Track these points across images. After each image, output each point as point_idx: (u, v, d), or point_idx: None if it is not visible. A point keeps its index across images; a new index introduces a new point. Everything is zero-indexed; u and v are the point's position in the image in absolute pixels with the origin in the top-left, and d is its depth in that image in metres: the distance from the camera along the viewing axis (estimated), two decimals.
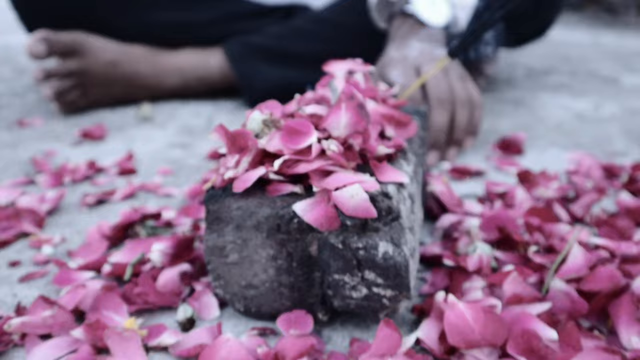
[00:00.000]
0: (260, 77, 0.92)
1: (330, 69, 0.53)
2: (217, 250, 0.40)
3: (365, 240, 0.37)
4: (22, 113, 0.91)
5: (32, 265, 0.49)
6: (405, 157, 0.45)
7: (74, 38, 0.88)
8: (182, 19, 0.96)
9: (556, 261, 0.42)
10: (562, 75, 1.08)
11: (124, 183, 0.65)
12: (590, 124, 0.81)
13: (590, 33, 1.54)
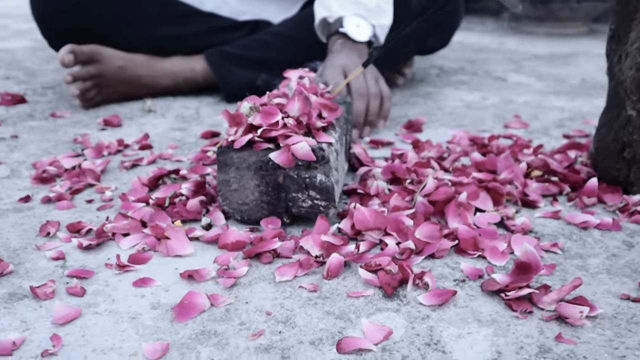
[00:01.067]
0: (234, 78, 1.21)
1: (288, 75, 0.83)
2: (224, 182, 0.70)
3: (309, 173, 0.68)
4: (51, 107, 1.19)
5: (102, 202, 0.78)
6: (334, 129, 0.75)
7: (92, 49, 1.16)
8: (173, 32, 1.25)
9: (420, 188, 0.73)
10: (465, 75, 1.40)
11: (147, 154, 0.94)
12: (474, 111, 1.13)
13: (499, 37, 1.87)
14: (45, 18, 1.23)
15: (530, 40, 1.83)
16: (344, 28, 1.07)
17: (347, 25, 1.07)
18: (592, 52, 1.65)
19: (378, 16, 1.10)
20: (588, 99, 1.20)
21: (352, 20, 1.08)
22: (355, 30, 1.07)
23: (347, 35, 1.07)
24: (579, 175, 0.79)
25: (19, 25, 2.32)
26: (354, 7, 1.08)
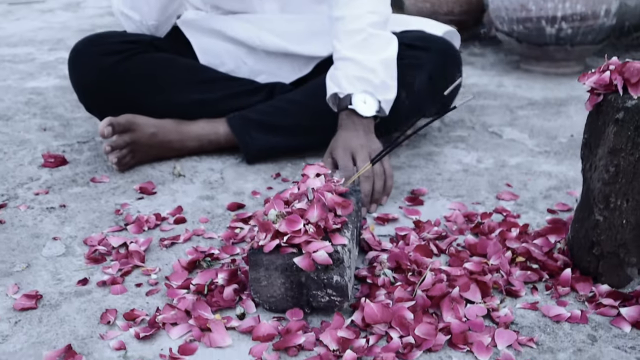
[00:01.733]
0: (254, 142, 1.34)
1: (307, 171, 0.96)
2: (256, 279, 0.84)
3: (327, 274, 0.81)
4: (90, 170, 1.32)
5: (149, 285, 0.92)
6: (346, 227, 0.88)
7: (127, 119, 1.29)
8: (198, 98, 1.38)
9: (419, 282, 0.86)
10: (464, 129, 1.53)
11: (182, 229, 1.08)
12: (470, 177, 1.26)
13: (497, 77, 2.00)
14: (82, 87, 1.36)
15: (527, 80, 1.95)
16: (353, 105, 1.20)
17: (356, 102, 1.20)
18: (583, 97, 1.77)
19: (383, 92, 1.23)
20: (574, 161, 1.32)
21: (359, 97, 1.21)
22: (362, 107, 1.20)
23: (355, 111, 1.20)
24: (556, 263, 0.92)
25: (45, 56, 2.45)
26: (362, 84, 1.21)
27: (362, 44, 1.24)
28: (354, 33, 1.24)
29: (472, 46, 2.44)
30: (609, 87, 0.84)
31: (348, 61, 1.23)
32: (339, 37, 1.26)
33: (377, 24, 1.26)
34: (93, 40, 1.37)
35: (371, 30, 1.24)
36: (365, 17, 1.25)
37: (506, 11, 1.97)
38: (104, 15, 3.46)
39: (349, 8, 1.26)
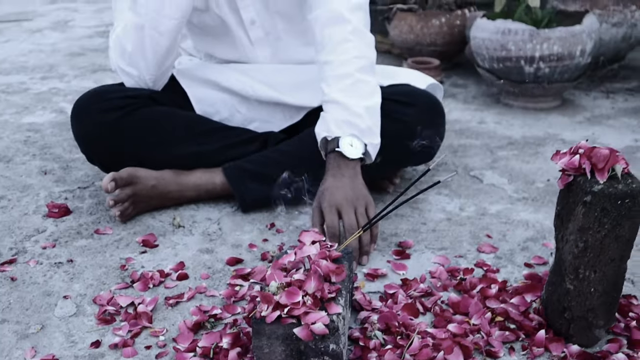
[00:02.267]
0: (249, 192, 1.42)
1: (303, 239, 1.04)
2: (258, 347, 0.91)
3: (324, 343, 0.89)
4: (94, 220, 1.39)
5: (158, 347, 0.99)
6: (340, 294, 0.96)
7: (129, 173, 1.36)
8: (196, 150, 1.45)
9: (407, 345, 0.95)
10: (448, 173, 1.61)
11: (185, 285, 1.15)
12: (454, 227, 1.35)
13: (479, 112, 2.09)
14: (85, 142, 1.43)
15: (507, 115, 2.04)
16: (340, 147, 1.28)
17: (343, 145, 1.28)
18: (559, 136, 1.87)
19: (369, 136, 1.31)
20: (549, 208, 1.42)
21: (347, 140, 1.28)
22: (349, 149, 1.28)
23: (342, 154, 1.28)
24: (532, 323, 1.01)
25: (38, 86, 2.50)
26: (349, 127, 1.29)
27: (350, 89, 1.31)
28: (342, 77, 1.32)
29: (455, 75, 2.53)
30: (578, 170, 0.92)
31: (336, 104, 1.31)
32: (327, 81, 1.33)
33: (364, 69, 1.34)
34: (95, 96, 1.43)
35: (359, 76, 1.32)
36: (353, 62, 1.32)
37: (487, 50, 2.05)
38: (93, 36, 3.50)
39: (336, 53, 1.33)
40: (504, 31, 2.00)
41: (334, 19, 1.33)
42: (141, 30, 1.36)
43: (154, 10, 1.34)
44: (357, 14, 1.35)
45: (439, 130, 1.45)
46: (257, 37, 1.55)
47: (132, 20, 1.36)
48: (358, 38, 1.33)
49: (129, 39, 1.38)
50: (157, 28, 1.35)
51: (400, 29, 2.54)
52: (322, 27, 1.35)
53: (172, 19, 1.35)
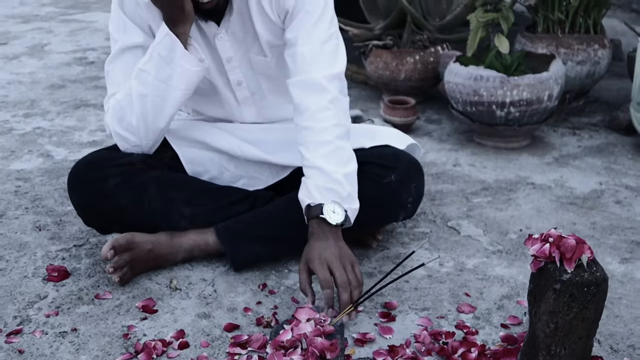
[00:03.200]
0: (240, 253, 1.50)
1: (298, 315, 1.13)
2: None
3: None
4: (92, 283, 1.46)
5: None
6: None
7: (127, 239, 1.43)
8: (189, 213, 1.52)
9: None
10: (426, 223, 1.71)
11: (187, 355, 1.23)
12: (434, 285, 1.45)
13: (454, 153, 2.19)
14: (82, 209, 1.51)
15: (480, 156, 2.15)
16: (324, 214, 1.36)
17: (326, 211, 1.36)
18: (530, 179, 1.98)
19: (349, 202, 1.40)
20: (522, 262, 1.52)
21: (329, 206, 1.37)
22: (332, 216, 1.37)
23: (325, 220, 1.36)
24: None
25: (22, 125, 2.53)
26: (331, 194, 1.38)
27: (330, 155, 1.40)
28: (323, 144, 1.41)
29: (429, 110, 2.63)
30: (549, 258, 1.02)
31: (318, 171, 1.39)
32: (307, 147, 1.42)
33: (342, 136, 1.43)
34: (90, 165, 1.49)
35: (338, 143, 1.41)
36: (332, 130, 1.41)
37: (460, 94, 2.16)
38: (71, 63, 3.53)
39: (315, 120, 1.42)
40: (476, 77, 2.11)
41: (313, 87, 1.42)
42: (145, 98, 1.43)
43: (161, 81, 1.41)
44: (334, 83, 1.43)
45: (419, 190, 1.54)
46: (243, 96, 1.63)
47: (136, 88, 1.43)
48: (336, 107, 1.42)
49: (132, 106, 1.44)
50: (162, 97, 1.42)
51: (376, 65, 2.63)
52: (302, 94, 1.43)
53: (177, 89, 1.42)
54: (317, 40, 1.43)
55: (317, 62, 1.43)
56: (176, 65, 1.40)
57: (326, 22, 1.45)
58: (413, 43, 2.68)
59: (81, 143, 2.34)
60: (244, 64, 1.57)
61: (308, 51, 1.43)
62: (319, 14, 1.44)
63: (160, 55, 1.40)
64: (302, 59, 1.43)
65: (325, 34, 1.44)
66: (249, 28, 1.52)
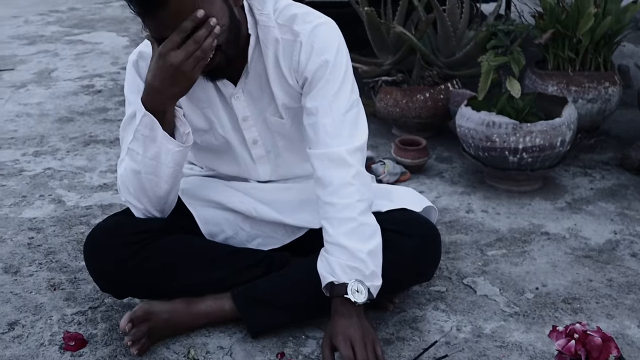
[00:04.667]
0: (257, 319, 1.49)
1: None
2: None
3: None
4: (110, 353, 1.45)
5: None
6: None
7: (144, 310, 1.43)
8: (205, 279, 1.52)
9: None
10: (442, 281, 1.70)
11: None
12: (453, 355, 1.44)
13: (467, 197, 2.18)
14: (99, 276, 1.51)
15: (493, 200, 2.14)
16: (348, 294, 1.36)
17: (350, 291, 1.36)
18: (544, 228, 1.97)
19: (373, 279, 1.39)
20: (539, 326, 1.52)
21: (353, 286, 1.37)
22: (355, 295, 1.37)
23: (348, 298, 1.36)
24: None
25: (32, 166, 2.53)
26: (355, 273, 1.37)
27: (353, 232, 1.40)
28: (346, 221, 1.40)
29: (440, 146, 2.62)
30: (574, 355, 1.02)
31: (341, 248, 1.39)
32: (331, 222, 1.42)
33: (365, 211, 1.42)
34: (105, 233, 1.49)
35: (361, 219, 1.41)
36: (355, 206, 1.41)
37: (472, 139, 2.15)
38: (78, 93, 3.52)
39: (339, 196, 1.41)
40: (488, 123, 2.10)
41: (336, 162, 1.41)
42: (138, 174, 1.43)
43: (150, 158, 1.40)
44: (356, 156, 1.43)
45: (436, 256, 1.54)
46: (259, 155, 1.62)
47: (129, 165, 1.43)
48: (359, 181, 1.41)
49: (130, 181, 1.45)
50: (155, 173, 1.42)
51: (385, 102, 2.63)
52: (324, 167, 1.42)
53: (167, 167, 1.42)
54: (338, 111, 1.43)
55: (339, 134, 1.42)
56: (161, 144, 1.40)
57: (347, 90, 1.45)
58: (422, 79, 2.67)
59: (92, 187, 2.34)
60: (259, 123, 1.57)
61: (329, 123, 1.42)
62: (340, 82, 1.44)
63: (143, 135, 1.39)
64: (323, 132, 1.42)
65: (347, 104, 1.44)
66: (265, 89, 1.51)
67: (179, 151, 1.42)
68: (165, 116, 1.40)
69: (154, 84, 1.35)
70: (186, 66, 1.30)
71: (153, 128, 1.39)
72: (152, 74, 1.34)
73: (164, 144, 1.40)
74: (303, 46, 1.44)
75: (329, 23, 1.48)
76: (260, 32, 1.46)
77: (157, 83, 1.34)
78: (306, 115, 1.46)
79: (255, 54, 1.47)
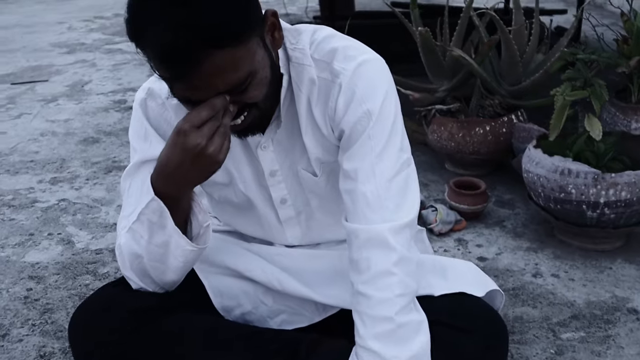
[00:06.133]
0: None
1: None
2: None
3: None
4: None
5: None
6: None
7: None
8: None
9: None
10: None
11: None
12: None
13: (533, 254, 1.86)
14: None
15: (565, 261, 1.82)
16: None
17: None
18: (630, 303, 1.63)
19: None
20: None
21: None
22: None
23: None
24: None
25: (46, 196, 2.31)
26: None
27: (388, 336, 1.09)
28: (380, 321, 1.10)
29: (500, 186, 2.30)
30: None
31: (372, 355, 1.09)
32: (362, 319, 1.12)
33: (406, 308, 1.11)
34: (94, 309, 1.23)
35: (400, 320, 1.09)
36: (394, 302, 1.10)
37: (542, 188, 1.82)
38: (109, 109, 3.32)
39: (376, 287, 1.11)
40: (563, 171, 1.76)
41: (375, 243, 1.11)
42: (140, 259, 1.16)
43: (157, 246, 1.14)
44: (402, 236, 1.12)
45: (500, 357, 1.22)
46: (288, 216, 1.34)
47: (130, 245, 1.16)
48: (403, 271, 1.10)
49: (130, 262, 1.18)
50: (161, 261, 1.16)
51: (439, 135, 2.31)
52: (361, 247, 1.13)
53: (177, 259, 1.15)
54: (382, 176, 1.13)
55: (382, 207, 1.12)
56: (170, 235, 1.13)
57: (395, 149, 1.14)
58: (482, 108, 2.35)
59: (106, 225, 2.10)
60: (290, 179, 1.29)
61: (370, 192, 1.12)
62: (386, 139, 1.13)
63: (150, 221, 1.12)
64: (363, 202, 1.12)
65: (394, 167, 1.14)
66: (297, 139, 1.23)
67: (192, 251, 1.16)
68: (179, 204, 1.14)
69: (168, 167, 1.08)
70: (212, 148, 1.04)
71: (162, 216, 1.12)
72: (168, 154, 1.07)
73: (174, 236, 1.13)
74: (342, 90, 1.15)
75: (376, 61, 1.18)
76: (294, 70, 1.18)
77: (173, 166, 1.07)
78: (343, 178, 1.17)
79: (287, 97, 1.19)
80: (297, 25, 1.23)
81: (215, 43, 0.95)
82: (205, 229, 1.20)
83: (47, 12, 6.39)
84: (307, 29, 1.22)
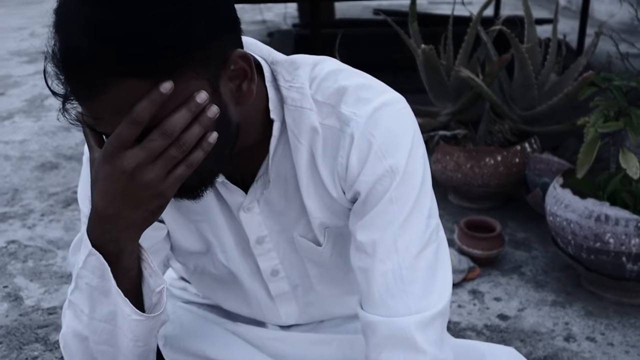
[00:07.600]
0: None
1: None
2: None
3: None
4: None
5: None
6: None
7: None
8: None
9: None
10: None
11: None
12: None
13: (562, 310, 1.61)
14: None
15: (599, 319, 1.57)
16: None
17: None
18: None
19: None
20: None
21: None
22: None
23: None
24: None
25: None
26: None
27: None
28: None
29: (512, 223, 2.05)
30: None
31: None
32: None
33: None
34: None
35: None
36: None
37: (573, 236, 1.57)
38: (71, 128, 3.00)
39: None
40: (599, 217, 1.51)
41: (398, 341, 0.84)
42: (85, 342, 0.87)
43: (101, 320, 0.85)
44: (433, 330, 0.84)
45: None
46: (280, 291, 1.06)
47: (70, 325, 0.87)
48: None
49: (75, 349, 0.88)
50: (109, 343, 0.86)
51: (444, 165, 2.05)
52: (380, 346, 0.85)
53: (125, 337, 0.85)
54: (407, 252, 0.85)
55: (406, 293, 0.84)
56: (116, 302, 0.83)
57: (423, 216, 0.86)
58: (491, 134, 2.09)
59: (62, 275, 1.80)
60: (282, 246, 1.00)
61: (392, 272, 0.84)
62: (413, 203, 0.85)
63: (89, 286, 0.83)
64: (382, 284, 0.85)
65: (421, 240, 0.86)
66: (293, 199, 0.94)
67: (139, 321, 0.85)
68: (121, 259, 0.83)
69: (99, 206, 0.78)
70: (151, 175, 0.75)
71: (104, 277, 0.82)
72: (97, 190, 0.78)
73: (120, 303, 0.84)
74: (355, 141, 0.86)
75: (397, 102, 0.90)
76: (289, 116, 0.89)
77: (103, 204, 0.77)
78: (356, 252, 0.89)
79: (279, 149, 0.91)
80: (293, 57, 0.94)
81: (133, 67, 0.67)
82: (158, 296, 0.90)
83: (8, 16, 6.02)
84: (305, 62, 0.93)
